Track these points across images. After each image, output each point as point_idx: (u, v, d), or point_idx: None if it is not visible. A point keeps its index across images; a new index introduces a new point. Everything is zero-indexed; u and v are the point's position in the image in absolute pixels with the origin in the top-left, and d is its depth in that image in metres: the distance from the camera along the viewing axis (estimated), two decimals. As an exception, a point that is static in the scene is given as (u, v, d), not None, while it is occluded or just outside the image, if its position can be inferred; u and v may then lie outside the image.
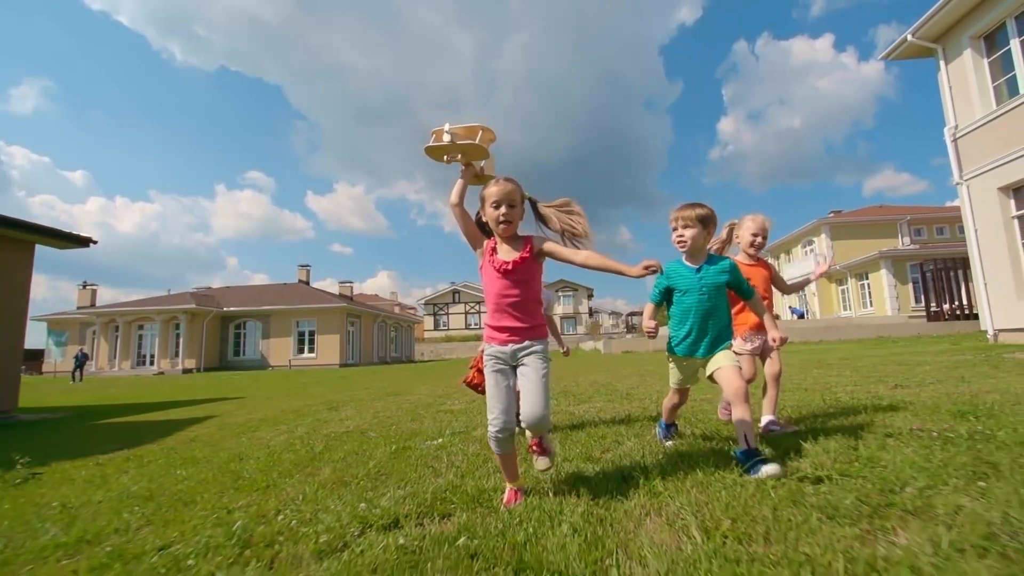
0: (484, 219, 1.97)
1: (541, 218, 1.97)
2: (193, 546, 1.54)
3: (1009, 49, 9.99)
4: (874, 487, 1.51)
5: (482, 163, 2.02)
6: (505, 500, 1.81)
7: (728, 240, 2.90)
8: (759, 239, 2.82)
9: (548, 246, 1.90)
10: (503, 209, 1.87)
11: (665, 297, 2.40)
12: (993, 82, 10.44)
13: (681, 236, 2.29)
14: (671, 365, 2.47)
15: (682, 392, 2.54)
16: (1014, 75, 9.89)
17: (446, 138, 1.96)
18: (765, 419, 2.73)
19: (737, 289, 2.34)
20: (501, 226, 1.89)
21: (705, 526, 1.33)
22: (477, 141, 1.97)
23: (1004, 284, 10.10)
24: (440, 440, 3.07)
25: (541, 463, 1.93)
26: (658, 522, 1.46)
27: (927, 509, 1.33)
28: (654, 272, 1.74)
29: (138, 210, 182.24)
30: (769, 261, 3.02)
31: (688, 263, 2.33)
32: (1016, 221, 9.96)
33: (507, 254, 1.91)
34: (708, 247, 2.40)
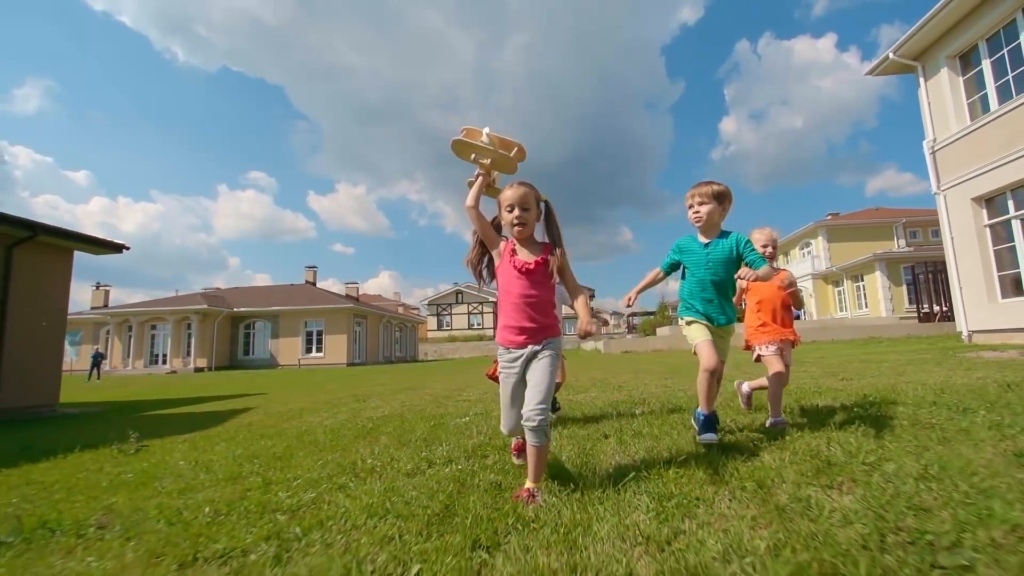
0: (501, 222, 2.04)
1: (549, 222, 2.02)
2: (317, 474, 2.35)
3: (982, 69, 10.71)
4: (765, 437, 2.31)
5: (495, 174, 2.11)
6: (513, 447, 2.22)
7: None
8: (769, 249, 2.96)
9: (560, 264, 1.96)
10: (517, 212, 1.94)
11: (674, 268, 2.51)
12: (968, 99, 11.14)
13: (697, 212, 2.35)
14: (689, 328, 2.43)
15: (708, 346, 2.32)
16: (986, 93, 10.61)
17: (484, 139, 2.04)
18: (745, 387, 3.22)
19: (744, 260, 2.33)
20: (516, 228, 1.96)
21: (650, 454, 2.13)
22: (512, 155, 2.08)
23: (977, 288, 10.77)
24: (467, 418, 3.89)
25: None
26: (620, 454, 2.26)
27: (788, 445, 2.13)
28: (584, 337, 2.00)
29: (140, 210, 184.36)
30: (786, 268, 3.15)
31: (700, 238, 2.41)
32: (988, 229, 10.63)
33: (527, 256, 1.97)
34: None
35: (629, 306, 2.43)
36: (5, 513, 2.07)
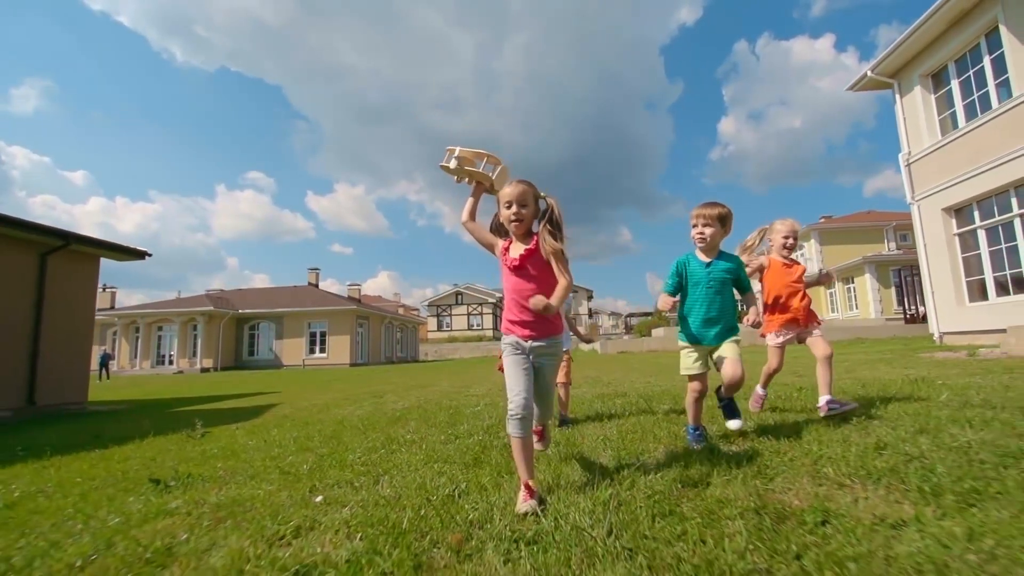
0: (501, 219, 2.09)
1: (547, 218, 2.02)
2: (370, 444, 3.11)
3: (951, 88, 11.49)
4: (709, 416, 3.09)
5: (493, 177, 2.14)
6: (521, 499, 1.77)
7: (757, 243, 3.16)
8: (791, 240, 3.08)
9: (545, 244, 1.96)
10: (514, 208, 2.01)
11: (678, 288, 2.59)
12: (939, 115, 11.91)
13: (701, 233, 2.48)
14: (683, 352, 2.56)
15: (699, 379, 2.51)
16: (955, 111, 11.39)
17: (452, 163, 2.12)
18: (823, 399, 2.93)
19: (738, 284, 2.54)
20: (512, 224, 2.03)
21: (620, 428, 2.91)
22: (480, 169, 2.15)
23: (947, 292, 11.52)
24: (479, 408, 4.67)
25: (538, 446, 2.23)
26: (598, 428, 3.04)
27: (716, 420, 2.91)
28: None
29: (139, 210, 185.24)
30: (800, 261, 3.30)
31: (701, 257, 2.54)
32: (957, 238, 11.40)
33: (516, 251, 2.03)
34: (746, 249, 2.88)
35: (672, 310, 2.58)
36: (163, 468, 2.83)
